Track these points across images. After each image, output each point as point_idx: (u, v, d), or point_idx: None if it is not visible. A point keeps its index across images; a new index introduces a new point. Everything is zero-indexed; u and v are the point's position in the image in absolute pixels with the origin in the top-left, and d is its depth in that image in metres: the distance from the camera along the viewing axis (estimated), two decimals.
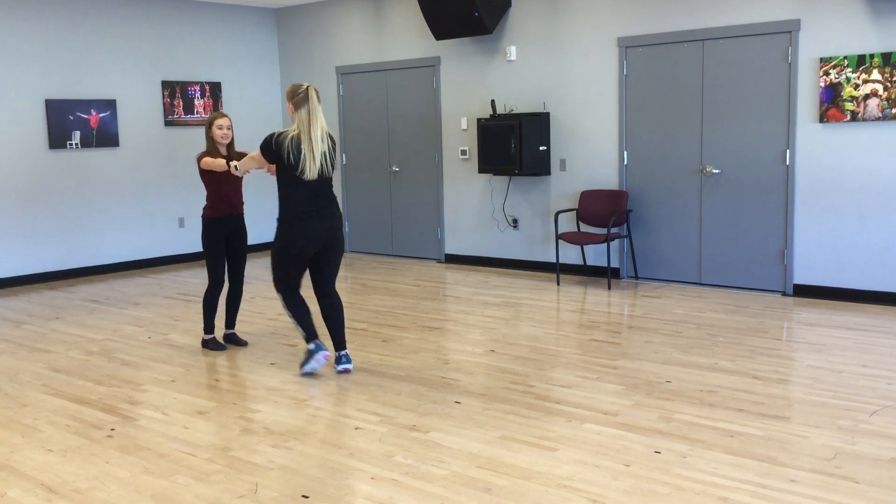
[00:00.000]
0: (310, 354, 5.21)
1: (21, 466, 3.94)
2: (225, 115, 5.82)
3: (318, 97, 4.99)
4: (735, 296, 7.25)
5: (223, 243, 5.88)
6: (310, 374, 5.25)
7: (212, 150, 5.77)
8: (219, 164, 5.57)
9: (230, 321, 6.11)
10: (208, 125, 5.77)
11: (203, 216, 5.86)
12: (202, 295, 7.95)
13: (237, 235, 5.91)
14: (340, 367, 5.30)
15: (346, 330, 6.17)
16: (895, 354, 5.40)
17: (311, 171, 4.93)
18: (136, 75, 9.48)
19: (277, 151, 4.96)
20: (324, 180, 5.05)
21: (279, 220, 5.10)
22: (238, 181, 5.84)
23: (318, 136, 4.95)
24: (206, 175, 5.75)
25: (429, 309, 7.13)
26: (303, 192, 5.00)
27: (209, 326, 5.99)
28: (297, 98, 4.94)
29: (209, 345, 5.99)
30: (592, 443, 4.02)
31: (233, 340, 6.07)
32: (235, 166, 5.41)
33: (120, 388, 5.13)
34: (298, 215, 5.02)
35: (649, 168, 7.89)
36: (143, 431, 4.36)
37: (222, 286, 5.97)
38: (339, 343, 5.33)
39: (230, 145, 5.84)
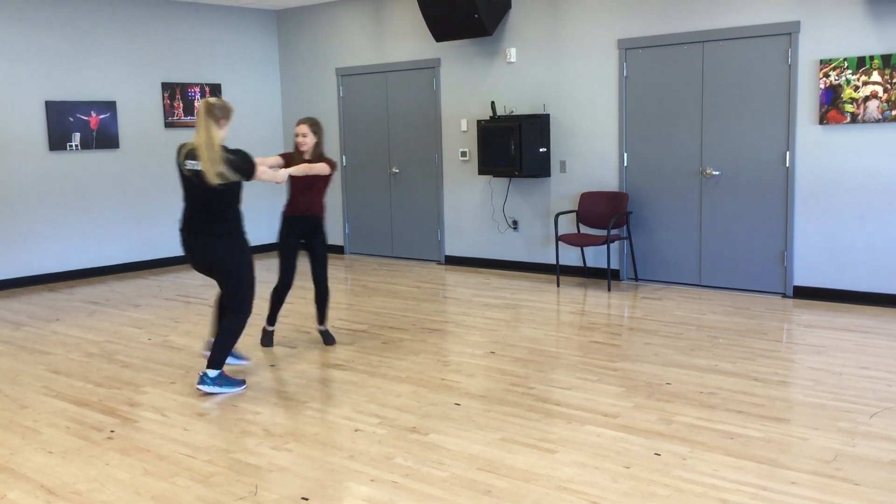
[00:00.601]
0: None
1: (21, 468, 3.94)
2: (301, 122, 5.77)
3: (207, 109, 4.78)
4: (735, 297, 7.25)
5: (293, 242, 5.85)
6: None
7: (296, 156, 5.76)
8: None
9: (319, 317, 6.09)
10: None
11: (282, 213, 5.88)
12: (203, 297, 7.98)
13: (312, 236, 5.87)
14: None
15: (347, 332, 6.15)
16: (895, 356, 5.40)
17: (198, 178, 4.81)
18: (136, 77, 9.49)
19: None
20: (211, 194, 4.81)
21: None
22: (307, 185, 5.74)
23: (197, 146, 4.78)
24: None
25: (429, 311, 7.13)
26: (188, 204, 4.97)
27: (270, 317, 6.04)
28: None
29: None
30: (592, 445, 4.02)
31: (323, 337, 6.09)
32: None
33: (120, 389, 5.13)
34: (182, 227, 5.05)
35: (649, 170, 7.90)
36: (142, 433, 4.36)
37: (287, 285, 5.91)
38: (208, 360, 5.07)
39: (314, 150, 5.76)
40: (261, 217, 10.10)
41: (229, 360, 5.28)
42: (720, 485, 3.53)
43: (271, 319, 6.03)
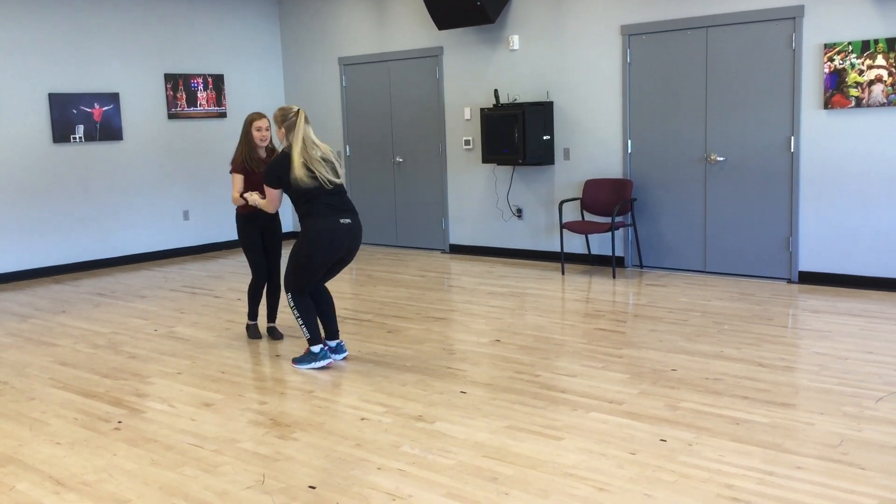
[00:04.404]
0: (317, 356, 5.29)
1: (29, 459, 3.96)
2: (264, 116, 5.77)
3: (305, 119, 5.12)
4: (740, 283, 7.24)
5: (257, 237, 5.85)
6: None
7: (248, 151, 5.73)
8: (235, 195, 5.69)
9: (270, 315, 6.11)
10: (247, 125, 5.70)
11: (236, 212, 5.89)
12: (208, 288, 8.00)
13: (270, 230, 5.87)
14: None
15: (352, 321, 6.20)
16: None
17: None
18: (138, 68, 9.48)
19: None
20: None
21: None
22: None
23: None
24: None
25: (434, 299, 7.13)
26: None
27: (251, 313, 6.08)
28: (289, 122, 5.07)
29: (248, 331, 6.08)
30: (598, 431, 4.03)
31: (272, 334, 6.07)
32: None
33: (127, 380, 5.15)
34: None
35: (653, 156, 7.88)
36: (150, 424, 4.38)
37: (263, 279, 5.96)
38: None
39: (269, 147, 5.82)
40: None
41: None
42: (726, 470, 3.54)
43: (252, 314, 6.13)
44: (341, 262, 5.25)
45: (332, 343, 5.40)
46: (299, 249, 5.12)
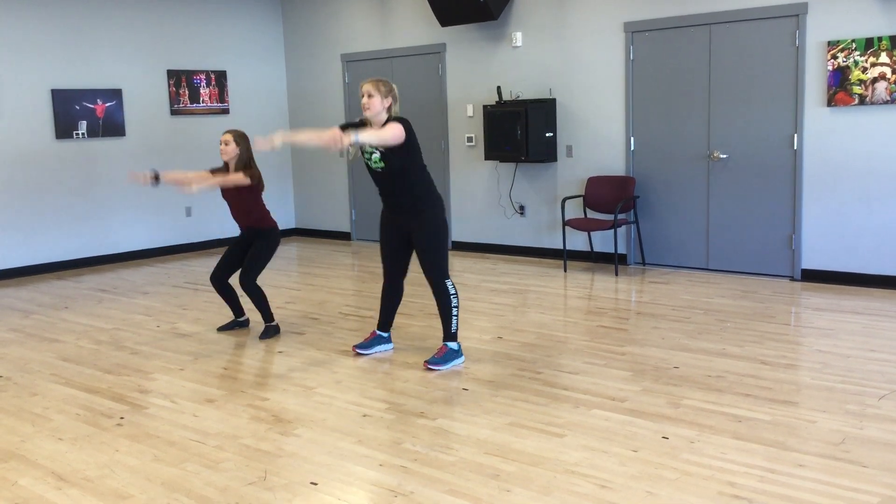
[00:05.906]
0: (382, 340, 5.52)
1: (32, 455, 3.96)
2: (228, 131, 5.81)
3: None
4: (743, 281, 7.23)
5: (239, 238, 6.13)
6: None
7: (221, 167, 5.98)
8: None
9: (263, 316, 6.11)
10: None
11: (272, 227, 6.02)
12: (210, 284, 8.00)
13: (256, 242, 5.96)
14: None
15: (355, 317, 6.21)
16: None
17: None
18: (141, 64, 9.48)
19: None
20: None
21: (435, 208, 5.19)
22: (239, 198, 5.85)
23: None
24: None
25: None
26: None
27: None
28: (395, 92, 5.06)
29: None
30: (600, 429, 4.02)
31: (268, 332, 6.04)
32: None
33: (129, 376, 5.16)
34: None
35: (656, 154, 7.87)
36: (152, 420, 4.38)
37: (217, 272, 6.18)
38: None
39: (241, 163, 5.78)
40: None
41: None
42: (728, 468, 3.54)
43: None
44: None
45: (386, 333, 5.51)
46: (440, 224, 5.17)
